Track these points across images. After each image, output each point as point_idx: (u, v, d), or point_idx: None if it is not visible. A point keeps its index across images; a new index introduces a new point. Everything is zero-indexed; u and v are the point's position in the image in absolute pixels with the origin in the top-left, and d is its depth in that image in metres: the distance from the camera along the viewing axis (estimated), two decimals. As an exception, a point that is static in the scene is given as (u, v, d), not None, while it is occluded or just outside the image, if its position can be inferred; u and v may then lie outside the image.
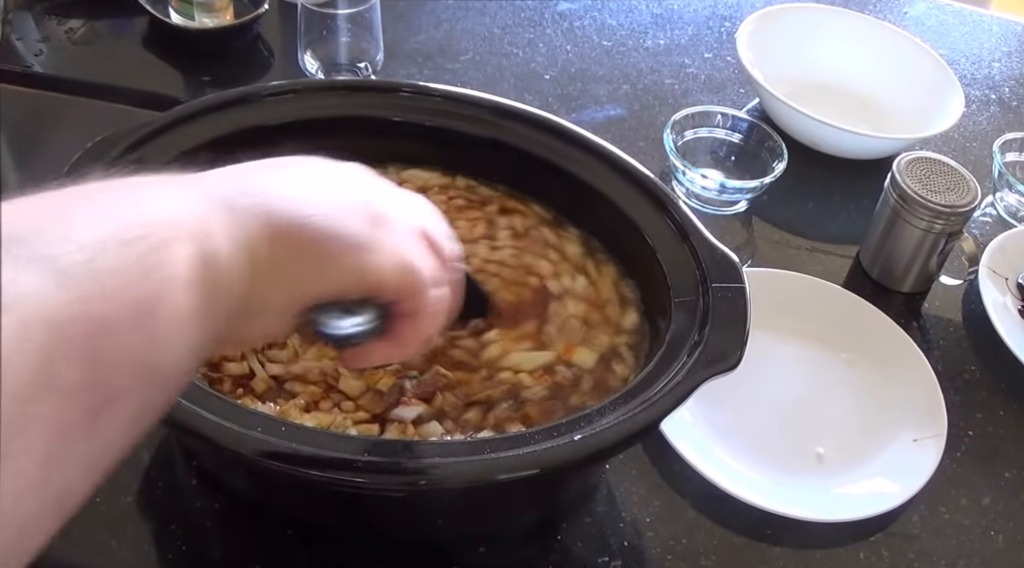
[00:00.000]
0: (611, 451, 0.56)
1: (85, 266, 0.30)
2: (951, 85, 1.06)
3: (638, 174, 0.70)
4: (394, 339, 0.48)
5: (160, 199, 0.35)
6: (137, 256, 0.32)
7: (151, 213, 0.34)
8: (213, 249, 0.35)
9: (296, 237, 0.40)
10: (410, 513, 0.62)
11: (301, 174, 0.44)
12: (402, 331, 0.47)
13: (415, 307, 0.46)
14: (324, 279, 0.42)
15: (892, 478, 0.73)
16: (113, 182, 0.35)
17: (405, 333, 0.47)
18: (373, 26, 0.99)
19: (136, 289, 0.31)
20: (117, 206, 0.33)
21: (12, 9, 1.08)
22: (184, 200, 0.36)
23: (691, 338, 0.59)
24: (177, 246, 0.34)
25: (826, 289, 0.86)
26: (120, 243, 0.31)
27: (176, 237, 0.34)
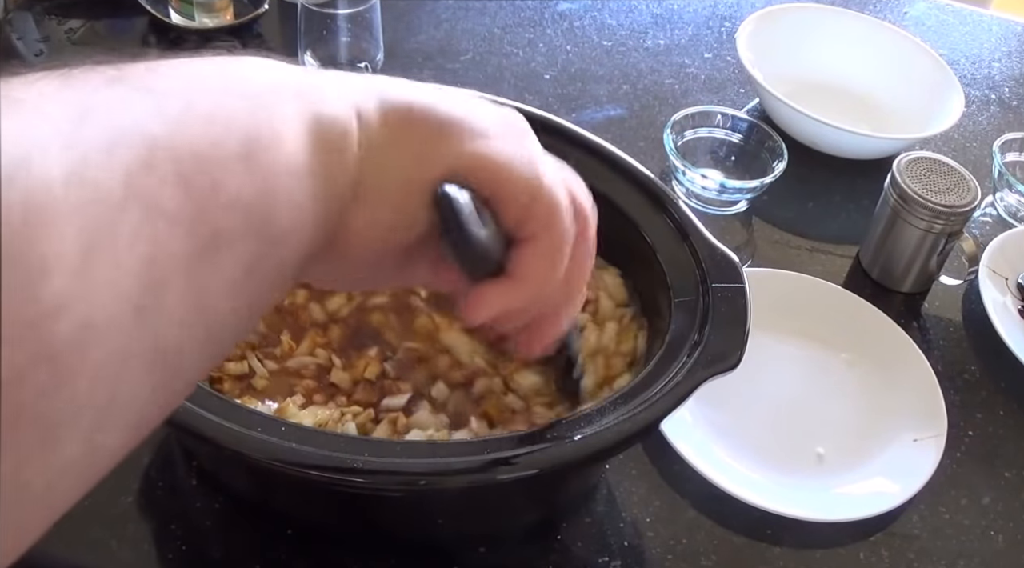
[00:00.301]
0: (611, 451, 0.56)
1: (183, 94, 0.28)
2: (951, 85, 1.06)
3: (638, 174, 0.70)
4: (514, 274, 0.41)
5: (268, 66, 0.33)
6: (244, 97, 0.30)
7: (256, 73, 0.32)
8: (324, 114, 0.33)
9: (411, 115, 0.37)
10: (410, 513, 0.62)
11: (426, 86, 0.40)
12: (524, 262, 0.41)
13: (542, 227, 0.40)
14: (441, 156, 0.37)
15: (892, 478, 0.73)
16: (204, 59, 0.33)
17: (527, 265, 0.41)
18: (373, 26, 0.99)
19: (243, 124, 0.29)
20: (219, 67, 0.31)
21: (12, 9, 1.08)
22: (293, 71, 0.34)
23: (691, 338, 0.59)
24: (287, 102, 0.32)
25: (826, 289, 0.86)
26: (224, 89, 0.30)
27: (285, 94, 0.32)
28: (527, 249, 0.41)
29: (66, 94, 0.26)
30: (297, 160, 0.31)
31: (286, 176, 0.30)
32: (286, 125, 0.31)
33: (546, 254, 0.41)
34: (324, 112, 0.33)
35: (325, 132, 0.33)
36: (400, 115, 0.36)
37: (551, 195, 0.40)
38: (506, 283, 0.41)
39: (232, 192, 0.28)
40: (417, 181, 0.37)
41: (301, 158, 0.31)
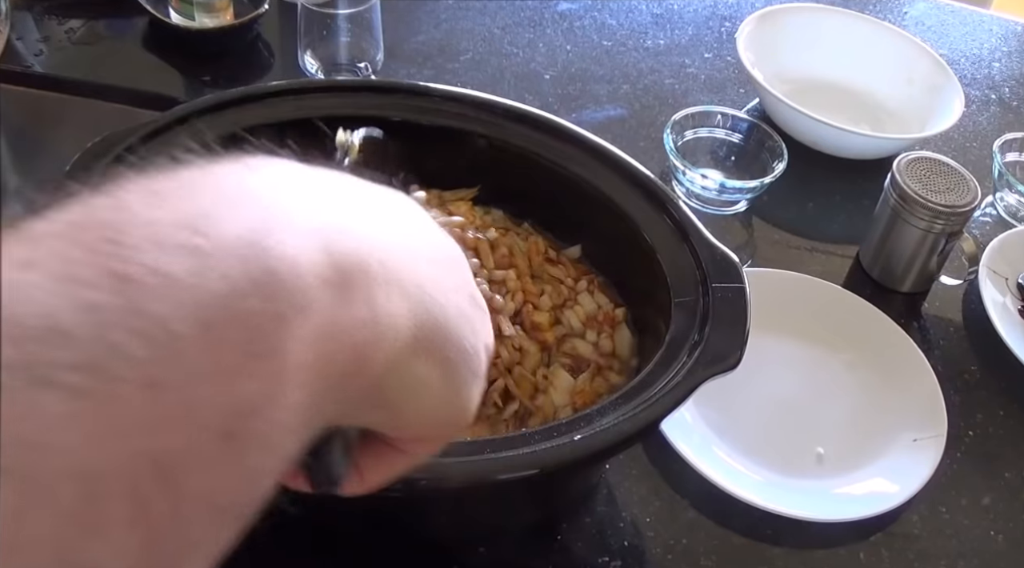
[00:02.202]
0: (611, 451, 0.56)
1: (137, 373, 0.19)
2: (951, 85, 1.06)
3: (638, 174, 0.70)
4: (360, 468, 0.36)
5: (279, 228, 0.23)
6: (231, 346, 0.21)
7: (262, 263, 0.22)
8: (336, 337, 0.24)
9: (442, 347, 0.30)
10: (410, 513, 0.62)
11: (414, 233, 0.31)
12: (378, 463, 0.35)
13: (421, 449, 0.35)
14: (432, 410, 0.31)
15: (892, 478, 0.73)
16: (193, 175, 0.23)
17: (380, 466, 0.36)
18: (373, 26, 0.99)
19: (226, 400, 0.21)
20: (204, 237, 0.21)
21: (12, 9, 1.08)
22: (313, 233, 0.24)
23: (691, 338, 0.59)
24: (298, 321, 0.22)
25: (826, 289, 0.86)
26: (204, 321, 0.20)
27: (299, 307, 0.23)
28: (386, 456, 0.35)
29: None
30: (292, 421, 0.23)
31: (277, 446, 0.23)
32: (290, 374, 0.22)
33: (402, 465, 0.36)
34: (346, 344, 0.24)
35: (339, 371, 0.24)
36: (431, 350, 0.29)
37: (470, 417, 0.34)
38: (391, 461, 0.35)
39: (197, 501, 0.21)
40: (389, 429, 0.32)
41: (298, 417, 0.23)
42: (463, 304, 0.31)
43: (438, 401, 0.31)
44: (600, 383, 0.66)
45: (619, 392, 0.57)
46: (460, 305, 0.31)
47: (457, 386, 0.31)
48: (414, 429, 0.32)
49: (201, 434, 0.20)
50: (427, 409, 0.31)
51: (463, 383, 0.32)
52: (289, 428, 0.23)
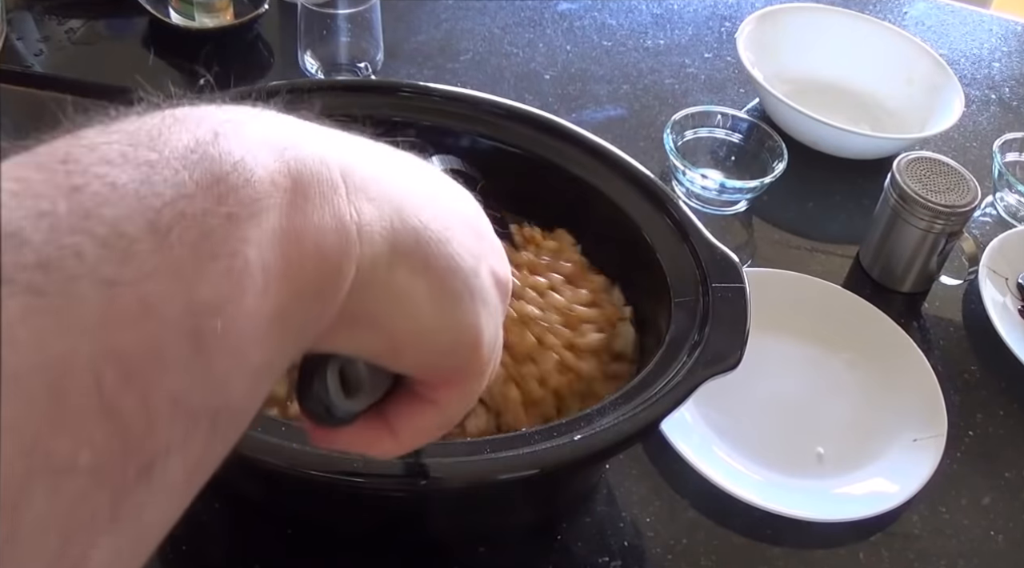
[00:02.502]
0: (611, 451, 0.56)
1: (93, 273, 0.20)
2: (951, 85, 1.06)
3: (638, 174, 0.70)
4: (392, 425, 0.34)
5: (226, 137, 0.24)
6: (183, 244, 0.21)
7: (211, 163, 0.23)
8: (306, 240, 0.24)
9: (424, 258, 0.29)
10: (410, 513, 0.62)
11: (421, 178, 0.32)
12: (410, 419, 0.34)
13: (448, 397, 0.33)
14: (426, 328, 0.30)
15: (892, 478, 0.73)
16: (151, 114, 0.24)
17: (413, 423, 0.34)
18: (373, 26, 0.99)
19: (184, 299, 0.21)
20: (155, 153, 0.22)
21: (12, 9, 1.08)
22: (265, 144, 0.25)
23: (691, 338, 0.59)
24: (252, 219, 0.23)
25: (826, 289, 0.86)
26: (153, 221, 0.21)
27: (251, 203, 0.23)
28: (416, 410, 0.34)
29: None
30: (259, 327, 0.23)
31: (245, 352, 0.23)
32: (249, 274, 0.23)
33: (435, 421, 0.34)
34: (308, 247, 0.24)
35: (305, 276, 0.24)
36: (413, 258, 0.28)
37: (482, 359, 0.33)
38: (379, 434, 0.34)
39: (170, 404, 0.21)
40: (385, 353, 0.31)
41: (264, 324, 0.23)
42: (454, 225, 0.30)
43: (431, 319, 0.30)
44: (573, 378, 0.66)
45: (619, 392, 0.57)
46: (448, 225, 0.30)
47: (450, 301, 0.30)
48: (418, 358, 0.31)
49: (163, 332, 0.21)
50: (422, 329, 0.30)
51: (456, 298, 0.30)
52: (256, 335, 0.23)
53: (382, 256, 0.27)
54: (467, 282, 0.31)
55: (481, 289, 0.32)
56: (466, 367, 0.33)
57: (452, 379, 0.33)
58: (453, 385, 0.33)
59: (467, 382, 0.33)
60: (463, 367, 0.33)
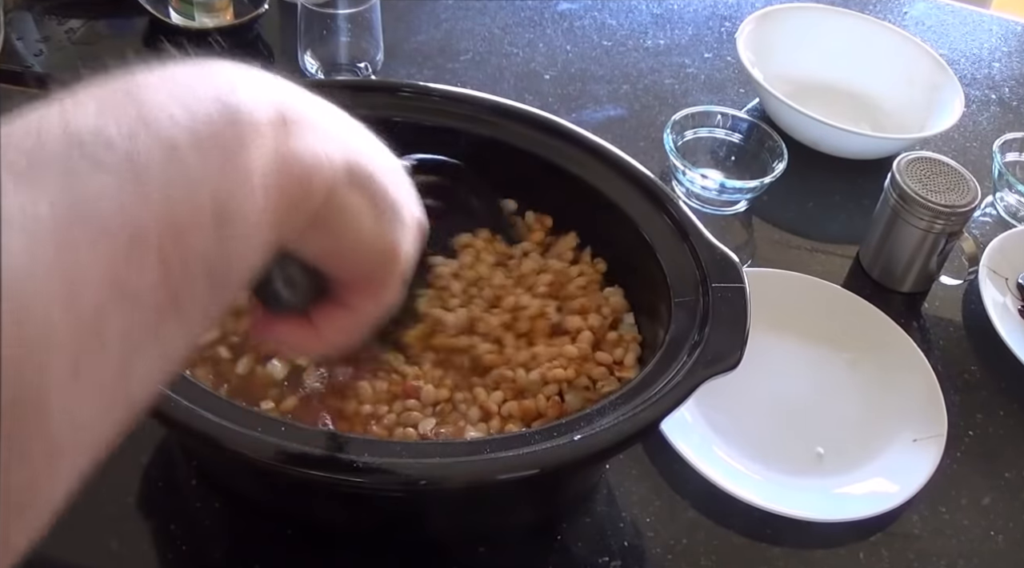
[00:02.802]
0: (611, 451, 0.56)
1: (159, 167, 0.28)
2: (951, 85, 1.06)
3: (638, 174, 0.70)
4: (317, 325, 0.43)
5: (238, 90, 0.33)
6: (215, 155, 0.30)
7: (229, 107, 0.32)
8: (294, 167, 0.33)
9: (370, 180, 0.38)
10: (410, 513, 0.62)
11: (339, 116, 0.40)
12: (331, 320, 0.43)
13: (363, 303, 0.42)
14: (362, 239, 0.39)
15: (892, 478, 0.73)
16: (183, 68, 0.32)
17: (333, 324, 0.43)
18: (373, 26, 0.99)
19: (215, 181, 0.30)
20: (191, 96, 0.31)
21: (12, 9, 1.08)
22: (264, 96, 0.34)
23: (691, 338, 0.59)
24: (260, 141, 0.32)
25: (826, 289, 0.86)
26: (196, 140, 0.30)
27: (260, 131, 0.32)
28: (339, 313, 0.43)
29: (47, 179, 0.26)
30: (260, 221, 0.32)
31: (248, 237, 0.32)
32: (256, 180, 0.31)
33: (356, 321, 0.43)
34: (295, 167, 0.33)
35: (293, 190, 0.33)
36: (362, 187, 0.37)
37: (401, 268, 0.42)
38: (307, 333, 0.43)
39: (200, 263, 0.29)
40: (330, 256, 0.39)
41: (264, 219, 0.32)
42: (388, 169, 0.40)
43: (370, 233, 0.39)
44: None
45: (619, 392, 0.57)
46: (385, 167, 0.40)
47: (385, 221, 0.39)
48: (352, 262, 0.40)
49: (199, 210, 0.29)
50: (363, 238, 0.39)
51: (390, 223, 0.40)
52: (260, 225, 0.32)
53: (342, 180, 0.36)
54: (399, 212, 0.40)
55: (406, 218, 0.41)
56: (384, 275, 0.41)
57: (369, 286, 0.42)
58: (369, 292, 0.42)
59: (380, 290, 0.42)
60: (382, 275, 0.41)
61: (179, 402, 0.51)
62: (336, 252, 0.39)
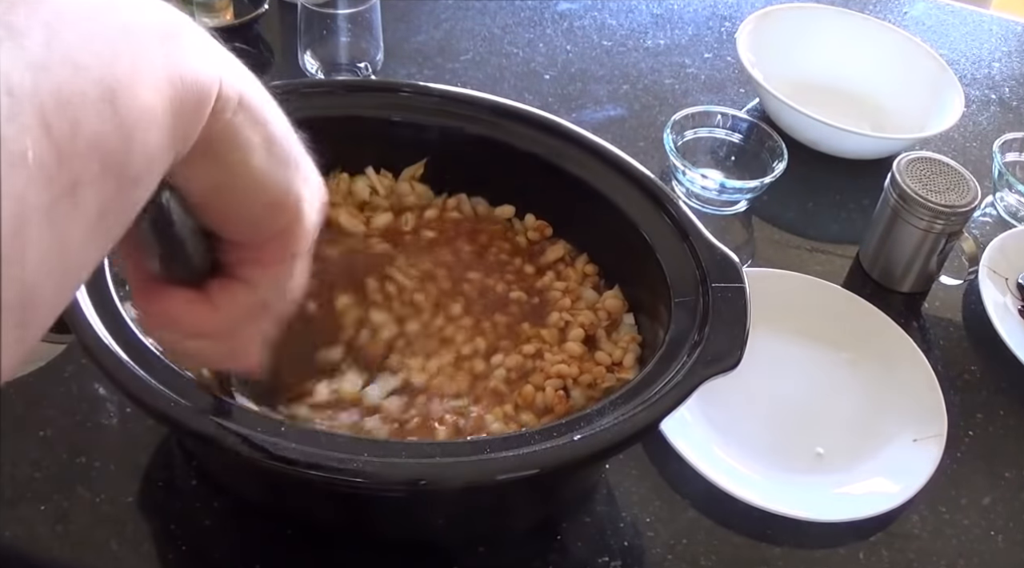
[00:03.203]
0: (611, 451, 0.56)
1: (50, 36, 0.28)
2: (951, 85, 1.06)
3: (638, 174, 0.70)
4: (213, 299, 0.41)
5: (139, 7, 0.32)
6: (107, 40, 0.30)
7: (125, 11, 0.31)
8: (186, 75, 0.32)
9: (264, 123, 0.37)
10: (410, 513, 0.62)
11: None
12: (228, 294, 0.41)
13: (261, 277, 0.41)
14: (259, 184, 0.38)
15: (892, 478, 0.73)
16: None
17: (231, 298, 0.41)
18: (373, 26, 0.99)
19: (106, 68, 0.29)
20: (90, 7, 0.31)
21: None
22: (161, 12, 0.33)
23: (691, 338, 0.59)
24: (152, 47, 0.31)
25: (826, 289, 0.86)
26: (89, 26, 0.29)
27: (151, 40, 0.31)
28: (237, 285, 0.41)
29: None
30: (154, 112, 0.31)
31: (143, 124, 0.30)
32: (146, 75, 0.31)
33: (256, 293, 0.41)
34: (187, 75, 0.33)
35: (185, 94, 0.32)
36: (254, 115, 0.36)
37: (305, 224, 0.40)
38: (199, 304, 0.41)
39: (91, 137, 0.28)
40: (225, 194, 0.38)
41: (158, 110, 0.31)
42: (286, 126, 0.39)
43: (262, 171, 0.37)
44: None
45: (619, 392, 0.57)
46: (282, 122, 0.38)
47: (277, 160, 0.38)
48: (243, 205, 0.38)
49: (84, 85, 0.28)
50: (253, 174, 0.37)
51: (283, 161, 0.38)
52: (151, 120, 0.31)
53: (232, 100, 0.35)
54: (293, 157, 0.39)
55: (304, 169, 0.39)
56: (280, 234, 0.40)
57: (264, 252, 0.40)
58: (264, 261, 0.40)
59: (278, 263, 0.40)
60: (280, 237, 0.40)
61: (179, 402, 0.51)
62: (226, 189, 0.37)
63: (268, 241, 0.40)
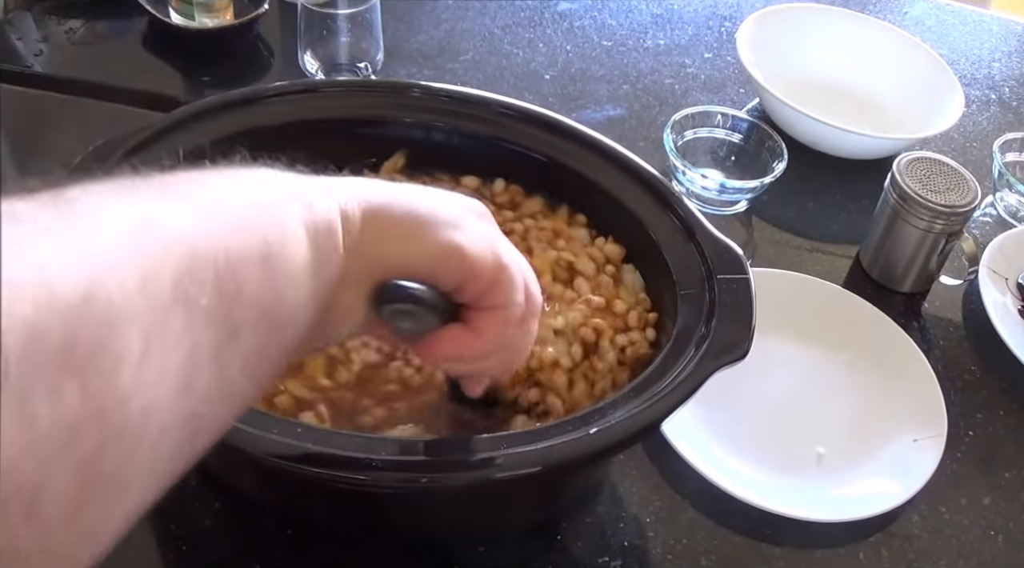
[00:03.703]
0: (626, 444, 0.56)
1: (215, 206, 0.34)
2: (951, 85, 1.06)
3: (642, 171, 0.70)
4: (476, 328, 0.47)
5: (271, 176, 0.40)
6: (258, 206, 0.36)
7: (265, 182, 0.39)
8: (318, 216, 0.39)
9: (388, 211, 0.43)
10: (411, 512, 0.62)
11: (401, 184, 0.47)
12: (484, 321, 0.47)
13: (500, 301, 0.46)
14: (412, 250, 0.44)
15: (892, 478, 0.73)
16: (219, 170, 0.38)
17: (486, 323, 0.47)
18: (373, 26, 0.99)
19: (260, 230, 0.35)
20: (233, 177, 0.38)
21: (12, 9, 1.08)
22: (290, 178, 0.40)
23: (698, 331, 0.59)
24: (289, 207, 0.38)
25: (826, 289, 0.86)
26: (241, 195, 0.36)
27: (287, 201, 0.38)
28: (487, 313, 0.47)
29: (128, 205, 0.31)
30: (300, 261, 0.37)
31: (292, 275, 0.37)
32: (291, 230, 0.37)
33: (502, 318, 0.47)
34: (317, 216, 0.39)
35: (319, 234, 0.39)
36: (380, 213, 0.43)
37: (510, 275, 0.46)
38: (467, 332, 0.47)
39: (252, 292, 0.34)
40: (385, 266, 0.44)
41: (302, 259, 0.38)
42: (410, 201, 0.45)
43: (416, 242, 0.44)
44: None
45: (629, 386, 0.57)
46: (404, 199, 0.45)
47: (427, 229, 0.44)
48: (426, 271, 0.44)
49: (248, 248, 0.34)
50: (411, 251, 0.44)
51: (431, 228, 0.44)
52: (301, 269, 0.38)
53: (355, 217, 0.42)
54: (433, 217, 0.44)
55: (453, 222, 0.45)
56: (484, 285, 0.45)
57: (483, 302, 0.46)
58: (487, 310, 0.47)
59: (498, 309, 0.47)
60: (478, 285, 0.45)
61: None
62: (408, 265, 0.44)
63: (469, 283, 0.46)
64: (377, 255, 0.43)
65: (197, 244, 0.32)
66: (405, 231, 0.44)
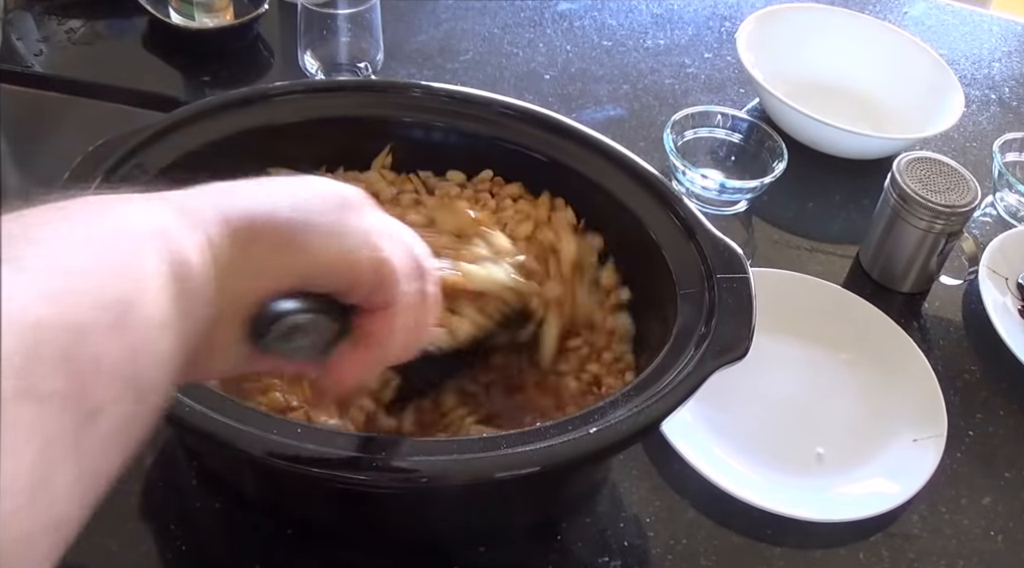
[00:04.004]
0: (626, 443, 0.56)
1: (55, 268, 0.29)
2: (951, 85, 1.06)
3: (642, 171, 0.70)
4: (370, 339, 0.44)
5: (124, 212, 0.35)
6: (107, 260, 0.32)
7: (116, 224, 0.34)
8: (179, 255, 0.35)
9: (255, 226, 0.39)
10: (411, 512, 0.62)
11: (266, 180, 0.43)
12: (377, 327, 0.44)
13: (389, 297, 0.43)
14: (287, 266, 0.40)
15: (892, 478, 0.73)
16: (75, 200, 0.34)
17: (380, 330, 0.44)
18: (373, 26, 0.99)
19: (109, 291, 0.31)
20: (82, 219, 0.33)
21: (12, 9, 1.08)
22: (146, 212, 0.36)
23: (698, 330, 0.59)
24: (145, 252, 0.33)
25: (826, 289, 0.86)
26: (88, 249, 0.31)
27: (142, 244, 0.34)
28: (379, 315, 0.44)
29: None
30: (160, 312, 0.33)
31: (153, 330, 0.32)
32: (147, 280, 0.33)
33: (395, 319, 0.44)
34: (179, 254, 0.35)
35: (182, 274, 0.35)
36: (245, 234, 0.38)
37: (391, 269, 0.43)
38: (363, 350, 0.44)
39: (110, 362, 0.30)
40: (263, 288, 0.40)
41: (163, 309, 0.33)
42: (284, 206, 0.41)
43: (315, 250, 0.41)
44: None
45: (630, 385, 0.57)
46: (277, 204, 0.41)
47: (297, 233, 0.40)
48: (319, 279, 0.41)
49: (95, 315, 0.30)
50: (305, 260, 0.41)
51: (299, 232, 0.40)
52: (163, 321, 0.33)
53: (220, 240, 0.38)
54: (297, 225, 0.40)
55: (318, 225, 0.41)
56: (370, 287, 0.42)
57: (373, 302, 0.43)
58: (379, 312, 0.43)
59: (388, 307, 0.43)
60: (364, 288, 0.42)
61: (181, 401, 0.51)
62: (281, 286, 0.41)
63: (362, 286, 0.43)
64: (251, 285, 0.39)
65: (39, 319, 0.27)
66: (274, 253, 0.40)
